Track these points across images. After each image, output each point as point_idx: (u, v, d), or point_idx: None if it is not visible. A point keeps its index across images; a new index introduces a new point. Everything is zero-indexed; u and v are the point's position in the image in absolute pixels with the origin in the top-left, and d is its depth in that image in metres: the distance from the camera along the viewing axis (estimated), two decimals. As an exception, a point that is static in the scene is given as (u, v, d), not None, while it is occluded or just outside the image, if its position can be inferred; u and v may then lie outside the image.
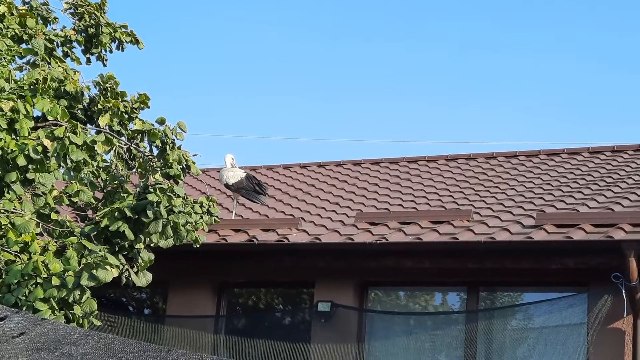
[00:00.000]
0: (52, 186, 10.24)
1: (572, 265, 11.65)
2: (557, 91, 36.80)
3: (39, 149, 9.43)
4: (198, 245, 11.39)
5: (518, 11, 36.45)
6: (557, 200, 14.20)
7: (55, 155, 9.59)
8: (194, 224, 10.70)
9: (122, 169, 11.72)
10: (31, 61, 11.19)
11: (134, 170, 12.05)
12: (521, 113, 37.19)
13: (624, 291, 11.13)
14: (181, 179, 11.30)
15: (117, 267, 9.27)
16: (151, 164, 11.41)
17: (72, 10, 12.65)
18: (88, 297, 9.13)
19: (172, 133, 11.38)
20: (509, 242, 11.92)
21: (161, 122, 11.53)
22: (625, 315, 11.40)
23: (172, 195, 9.96)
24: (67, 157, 9.77)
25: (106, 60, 12.78)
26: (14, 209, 9.71)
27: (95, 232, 9.89)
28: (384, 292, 13.55)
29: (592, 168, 16.68)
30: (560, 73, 36.67)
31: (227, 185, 14.38)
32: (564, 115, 36.43)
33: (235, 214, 14.77)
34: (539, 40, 36.93)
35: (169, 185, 10.23)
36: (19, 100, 9.78)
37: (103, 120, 11.29)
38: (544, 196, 14.71)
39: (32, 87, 10.27)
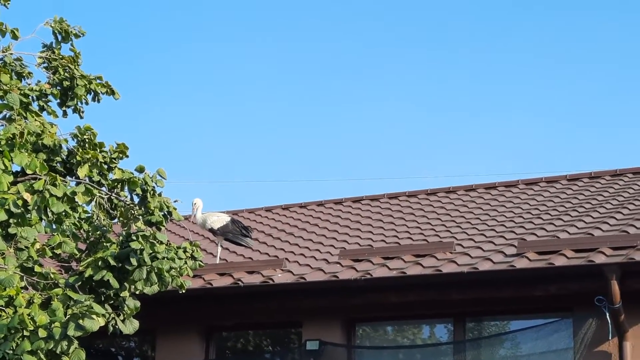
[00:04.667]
0: (35, 239, 10.24)
1: (555, 291, 11.66)
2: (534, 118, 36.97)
3: (19, 202, 9.45)
4: (184, 291, 11.38)
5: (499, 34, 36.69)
6: (537, 228, 14.28)
7: (35, 208, 9.60)
8: (178, 269, 10.70)
9: (104, 219, 11.74)
10: (7, 116, 11.22)
11: (115, 219, 12.07)
12: (500, 141, 37.36)
13: (607, 314, 11.14)
14: (163, 226, 11.33)
15: (104, 315, 9.27)
16: (132, 212, 11.44)
17: (45, 64, 12.70)
18: (76, 348, 9.11)
19: (152, 180, 11.43)
20: (492, 271, 11.93)
21: (140, 170, 11.58)
22: (610, 338, 11.39)
23: (154, 242, 9.99)
24: (48, 209, 9.79)
25: (82, 112, 12.82)
26: (-4, 264, 9.72)
27: (80, 282, 9.89)
28: (371, 327, 13.49)
29: (571, 195, 16.81)
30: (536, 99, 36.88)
31: (212, 230, 14.37)
32: (541, 143, 36.60)
33: (220, 257, 14.76)
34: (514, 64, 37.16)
35: (152, 232, 10.25)
36: (-4, 156, 9.82)
37: (82, 172, 11.34)
38: (524, 225, 14.79)
39: (9, 141, 10.30)
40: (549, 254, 12.10)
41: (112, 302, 10.00)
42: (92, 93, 12.79)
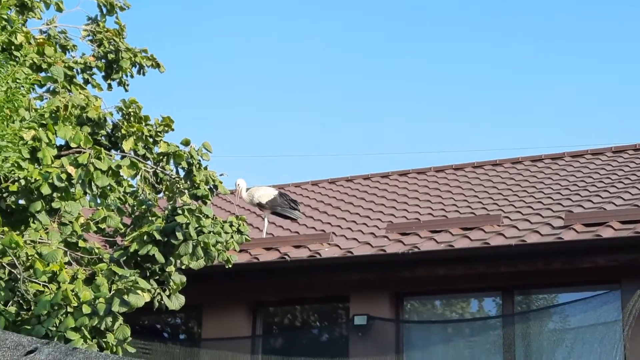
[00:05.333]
0: (79, 214, 10.16)
1: (603, 263, 11.67)
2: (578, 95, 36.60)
3: (63, 176, 9.35)
4: (230, 266, 11.31)
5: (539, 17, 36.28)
6: (584, 200, 14.28)
7: (80, 182, 9.50)
8: (224, 244, 10.62)
9: (149, 193, 11.67)
10: (51, 89, 11.14)
11: (161, 193, 12.00)
12: (546, 113, 37.02)
13: (655, 285, 11.14)
14: (209, 199, 11.25)
15: (149, 291, 9.17)
16: (178, 186, 11.37)
17: (90, 37, 12.62)
18: (121, 324, 9.01)
19: (197, 154, 11.36)
20: (540, 243, 11.94)
21: (186, 143, 11.50)
22: (657, 309, 11.38)
23: (200, 216, 9.88)
24: (93, 183, 9.68)
25: (127, 85, 12.75)
26: (40, 239, 9.63)
27: (125, 257, 9.81)
28: (419, 301, 13.49)
29: (617, 167, 16.82)
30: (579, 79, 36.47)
31: (259, 205, 14.30)
32: (587, 115, 36.23)
33: (266, 232, 14.70)
34: (558, 46, 36.74)
35: (197, 206, 10.15)
36: (40, 129, 9.71)
37: (127, 145, 11.26)
38: (571, 197, 14.80)
39: (53, 115, 10.21)
40: (596, 225, 12.10)
41: (157, 277, 9.92)
42: (137, 66, 12.71)
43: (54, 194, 9.41)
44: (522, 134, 36.62)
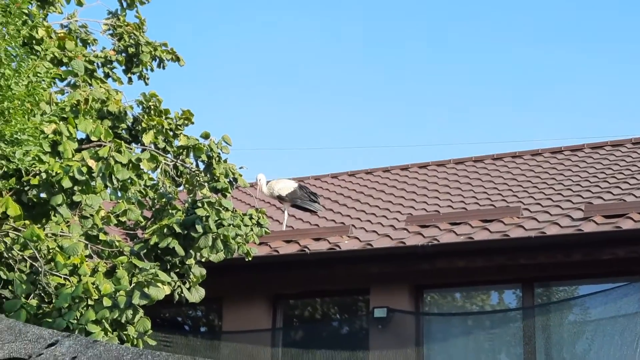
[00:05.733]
0: (100, 207, 10.21)
1: (624, 255, 11.62)
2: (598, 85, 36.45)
3: (84, 169, 9.39)
4: (250, 258, 11.34)
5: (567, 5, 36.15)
6: (604, 192, 14.25)
7: (100, 175, 9.55)
8: (244, 236, 10.65)
9: (169, 186, 11.71)
10: (72, 83, 11.19)
11: (181, 186, 12.04)
12: (562, 110, 36.92)
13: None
14: (229, 192, 11.28)
15: (169, 284, 9.21)
16: (198, 179, 11.41)
17: (111, 31, 12.69)
18: (141, 317, 9.04)
19: (217, 147, 11.40)
20: (559, 235, 11.94)
21: (206, 136, 11.54)
22: (679, 300, 11.36)
23: (220, 208, 9.91)
24: (113, 176, 9.74)
25: (148, 79, 12.80)
26: (61, 232, 9.68)
27: (145, 250, 9.85)
28: (439, 294, 13.48)
29: (636, 158, 16.77)
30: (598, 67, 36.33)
31: (279, 197, 14.33)
32: (606, 106, 36.10)
33: (286, 225, 14.72)
34: (579, 35, 36.61)
35: (217, 199, 10.18)
36: (61, 123, 9.77)
37: (147, 138, 11.32)
38: (590, 188, 14.77)
39: (73, 108, 10.26)
40: (616, 217, 12.09)
41: (177, 270, 9.96)
42: (157, 59, 12.75)
43: (75, 187, 9.45)
44: (543, 126, 36.53)
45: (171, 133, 11.70)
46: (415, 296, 13.10)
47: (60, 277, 9.25)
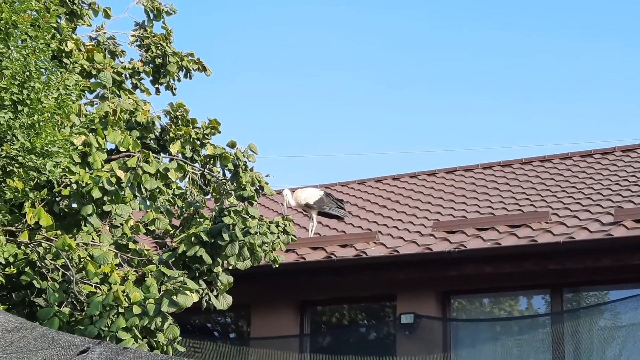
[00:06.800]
0: (129, 216, 10.35)
1: None
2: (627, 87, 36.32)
3: (113, 180, 9.53)
4: (277, 265, 11.44)
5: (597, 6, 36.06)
6: (635, 196, 14.11)
7: (129, 185, 9.69)
8: (270, 244, 10.75)
9: (197, 195, 11.83)
10: (100, 94, 11.34)
11: (209, 195, 12.15)
12: (593, 112, 36.81)
13: None
14: (255, 200, 11.38)
15: (197, 291, 9.33)
16: (225, 187, 11.51)
17: (138, 43, 12.81)
18: (170, 324, 9.17)
19: (243, 155, 11.50)
20: (588, 240, 11.86)
21: (232, 145, 11.65)
22: None
23: (247, 216, 10.02)
24: (142, 186, 9.89)
25: (175, 89, 12.92)
26: (92, 241, 9.82)
27: (174, 259, 9.96)
28: (467, 299, 13.48)
29: None
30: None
31: (307, 205, 14.42)
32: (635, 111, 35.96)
33: (313, 232, 14.81)
34: (611, 38, 36.51)
35: (244, 207, 10.29)
36: (90, 134, 9.92)
37: (174, 148, 11.44)
38: (621, 192, 14.64)
39: (102, 120, 10.40)
40: None
41: (205, 277, 10.07)
42: (184, 70, 12.87)
43: (105, 197, 9.59)
44: (572, 129, 36.44)
45: (198, 142, 11.81)
46: (443, 302, 13.13)
47: (92, 285, 9.38)
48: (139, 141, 10.95)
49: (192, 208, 11.61)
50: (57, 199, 9.82)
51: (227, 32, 40.09)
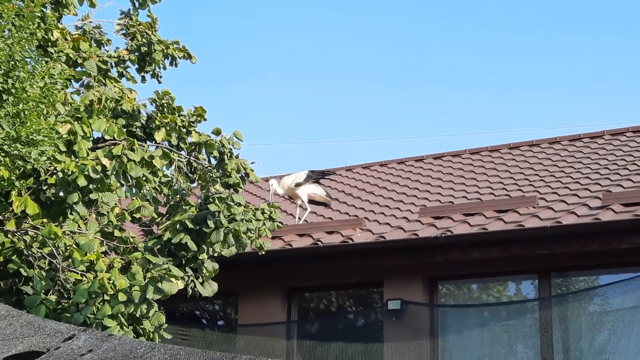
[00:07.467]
0: (115, 204, 10.36)
1: None
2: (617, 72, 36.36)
3: (98, 168, 9.53)
4: (263, 252, 11.43)
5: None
6: (623, 180, 14.08)
7: (114, 173, 9.71)
8: (256, 231, 10.75)
9: (183, 182, 11.84)
10: (85, 83, 11.35)
11: (195, 182, 12.17)
12: (585, 92, 36.84)
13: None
14: (241, 187, 11.38)
15: (182, 278, 9.35)
16: (211, 174, 11.52)
17: (124, 31, 12.79)
18: (156, 311, 9.20)
19: (228, 143, 11.51)
20: (576, 225, 11.83)
21: (217, 132, 11.66)
22: (700, 289, 11.24)
23: (232, 204, 10.02)
24: (127, 174, 9.91)
25: (160, 77, 12.91)
26: (78, 229, 9.85)
27: (159, 246, 9.97)
28: (454, 285, 13.48)
29: None
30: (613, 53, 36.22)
31: (298, 185, 14.46)
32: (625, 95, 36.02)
33: (300, 218, 14.83)
34: (593, 21, 36.53)
35: (229, 194, 10.30)
36: (75, 122, 9.93)
37: (159, 136, 11.46)
38: (610, 176, 14.60)
39: (87, 108, 10.41)
40: (636, 205, 11.93)
41: (191, 265, 10.08)
42: (170, 58, 12.86)
43: (90, 186, 9.60)
44: (562, 113, 36.50)
45: (184, 130, 11.82)
46: (430, 288, 13.12)
47: (78, 273, 9.41)
48: (124, 129, 10.96)
49: (178, 196, 11.62)
50: (44, 188, 9.83)
51: (213, 16, 40.07)
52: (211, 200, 9.99)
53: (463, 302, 13.45)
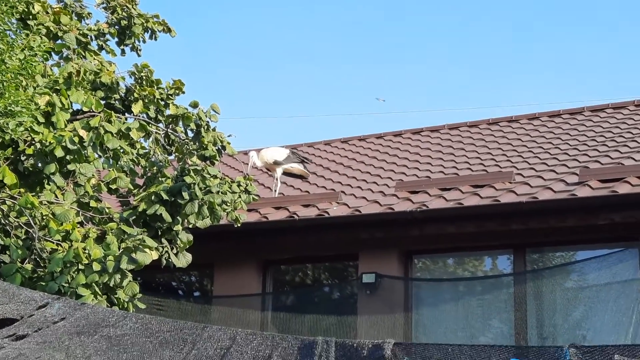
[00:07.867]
0: (93, 175, 10.46)
1: (620, 220, 11.39)
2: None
3: (76, 139, 9.64)
4: (239, 225, 11.48)
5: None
6: (601, 156, 14.05)
7: (91, 144, 9.81)
8: (232, 203, 10.83)
9: (160, 155, 11.91)
10: (65, 56, 11.42)
11: (172, 155, 12.26)
12: (565, 67, 36.91)
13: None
14: (217, 160, 11.47)
15: (157, 249, 9.46)
16: (187, 147, 11.60)
17: (104, 5, 12.83)
18: (130, 281, 9.33)
19: (205, 115, 11.58)
20: (551, 200, 11.79)
21: (194, 105, 11.73)
22: (676, 267, 11.13)
23: (207, 176, 10.11)
24: (104, 145, 10.01)
25: (140, 50, 12.95)
26: (55, 199, 9.94)
27: (134, 217, 10.06)
28: (430, 259, 13.47)
29: (638, 121, 16.44)
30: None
31: (275, 163, 14.51)
32: (607, 68, 36.12)
33: (277, 192, 14.91)
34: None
35: (204, 166, 10.38)
36: (54, 94, 10.01)
37: (136, 108, 11.53)
38: (588, 152, 14.57)
39: (66, 80, 10.49)
40: (613, 181, 11.91)
41: (166, 236, 10.17)
42: (149, 31, 12.90)
43: (67, 157, 9.71)
44: (543, 90, 36.59)
45: (162, 103, 11.88)
46: (405, 262, 13.13)
47: (53, 242, 9.51)
48: (103, 102, 11.05)
49: (155, 167, 11.71)
50: (22, 158, 9.94)
51: (226, 28, 39.95)
52: (187, 172, 10.08)
53: (439, 276, 13.41)
